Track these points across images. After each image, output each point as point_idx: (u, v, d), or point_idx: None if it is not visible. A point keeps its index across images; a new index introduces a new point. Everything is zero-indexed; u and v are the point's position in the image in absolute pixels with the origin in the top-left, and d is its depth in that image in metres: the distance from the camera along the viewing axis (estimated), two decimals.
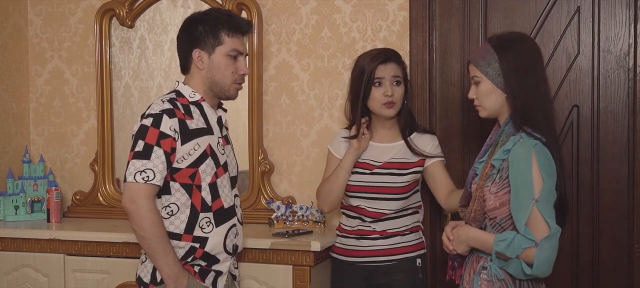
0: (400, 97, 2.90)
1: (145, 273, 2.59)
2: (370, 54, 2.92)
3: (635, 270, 3.12)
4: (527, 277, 2.29)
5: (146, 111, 2.55)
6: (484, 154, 2.51)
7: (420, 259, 2.96)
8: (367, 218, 2.93)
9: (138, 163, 2.47)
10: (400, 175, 2.90)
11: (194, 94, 2.61)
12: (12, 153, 3.81)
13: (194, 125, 2.56)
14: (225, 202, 2.62)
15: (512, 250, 2.26)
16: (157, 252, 2.49)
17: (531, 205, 2.25)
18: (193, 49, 2.60)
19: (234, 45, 2.61)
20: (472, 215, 2.43)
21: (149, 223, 2.47)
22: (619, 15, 3.09)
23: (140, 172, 2.46)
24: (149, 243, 2.49)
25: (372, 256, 2.92)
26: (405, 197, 2.92)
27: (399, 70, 2.90)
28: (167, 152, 2.49)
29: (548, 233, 2.23)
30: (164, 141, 2.48)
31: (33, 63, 3.91)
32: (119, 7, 3.67)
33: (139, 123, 2.53)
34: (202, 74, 2.61)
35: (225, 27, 2.59)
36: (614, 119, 3.12)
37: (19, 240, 3.34)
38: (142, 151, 2.48)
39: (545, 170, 2.28)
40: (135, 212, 2.47)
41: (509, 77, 2.36)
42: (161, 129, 2.48)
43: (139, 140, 2.49)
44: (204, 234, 2.57)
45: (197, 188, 2.56)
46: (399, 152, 2.93)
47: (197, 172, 2.55)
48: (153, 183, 2.47)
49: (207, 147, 2.57)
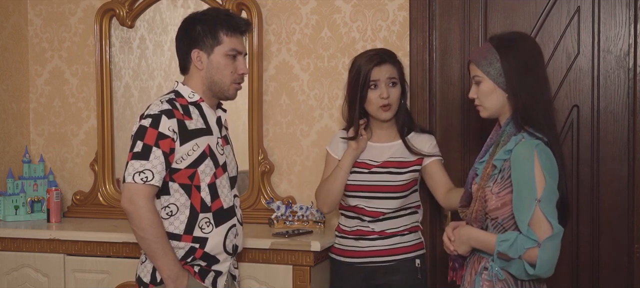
0: (396, 98, 2.90)
1: (145, 274, 2.59)
2: (366, 55, 2.92)
3: (635, 270, 3.12)
4: (530, 277, 2.29)
5: (145, 112, 2.55)
6: (485, 154, 2.50)
7: (419, 260, 2.96)
8: (366, 218, 2.93)
9: (137, 163, 2.47)
10: (399, 173, 2.90)
11: (193, 95, 2.61)
12: (12, 153, 3.81)
13: (193, 125, 2.56)
14: (224, 203, 2.62)
15: (514, 250, 2.26)
16: (156, 252, 2.49)
17: (534, 206, 2.24)
18: (192, 49, 2.60)
19: (233, 45, 2.60)
20: (473, 215, 2.42)
21: (148, 223, 2.47)
22: (619, 15, 3.09)
23: (139, 172, 2.46)
24: (148, 243, 2.49)
25: (371, 257, 2.92)
26: (404, 196, 2.92)
27: (395, 71, 2.90)
28: (165, 153, 2.48)
29: (551, 234, 2.23)
30: (163, 142, 2.48)
31: (33, 63, 3.91)
32: (119, 7, 3.67)
33: (137, 123, 2.53)
34: (201, 74, 2.61)
35: (224, 27, 2.59)
36: (614, 119, 3.12)
37: (19, 240, 3.34)
38: (141, 152, 2.47)
39: (548, 170, 2.28)
40: (134, 213, 2.47)
41: (510, 76, 2.36)
42: (160, 129, 2.48)
43: (137, 140, 2.49)
44: (203, 234, 2.57)
45: (196, 188, 2.56)
46: (397, 151, 2.93)
47: (196, 173, 2.55)
48: (152, 183, 2.47)
49: (206, 148, 2.57)
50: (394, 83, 2.89)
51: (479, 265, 2.40)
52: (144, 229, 2.47)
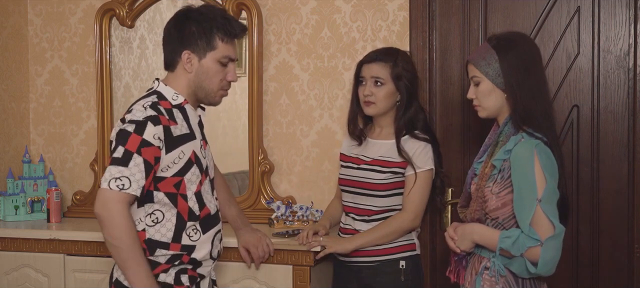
0: (381, 97, 2.86)
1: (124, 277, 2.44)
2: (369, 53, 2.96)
3: (635, 270, 3.12)
4: (531, 275, 2.29)
5: (127, 116, 2.40)
6: (483, 154, 2.51)
7: (404, 261, 2.88)
8: (357, 217, 2.93)
9: (114, 170, 2.32)
10: (381, 172, 2.88)
11: (176, 96, 2.47)
12: (12, 153, 3.82)
13: (178, 131, 2.42)
14: (211, 209, 2.53)
15: (516, 247, 2.26)
16: (127, 262, 2.32)
17: (535, 205, 2.25)
18: (183, 49, 2.46)
19: (227, 52, 2.47)
20: (472, 215, 2.43)
21: (121, 230, 2.31)
22: (619, 15, 3.10)
23: (115, 179, 2.31)
24: (119, 252, 2.32)
25: (358, 256, 2.90)
26: (385, 196, 2.88)
27: (384, 71, 2.86)
28: (147, 161, 2.33)
29: (553, 233, 2.24)
30: (146, 150, 2.33)
31: (33, 63, 3.91)
32: (119, 7, 3.67)
33: (118, 127, 2.39)
34: (188, 76, 2.47)
35: (221, 32, 2.45)
36: (614, 119, 3.12)
37: (19, 240, 3.34)
38: (121, 158, 2.32)
39: (548, 170, 2.28)
40: (107, 218, 2.31)
41: (509, 77, 2.36)
42: (144, 136, 2.33)
43: (119, 145, 2.34)
44: (191, 242, 2.47)
45: (183, 197, 2.44)
46: (388, 150, 2.91)
47: (182, 181, 2.43)
48: (128, 192, 2.32)
49: (191, 155, 2.45)
50: (380, 83, 2.86)
51: (480, 265, 2.40)
52: (115, 236, 2.31)
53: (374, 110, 2.89)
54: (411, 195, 2.84)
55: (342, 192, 3.00)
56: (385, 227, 2.85)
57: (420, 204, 2.85)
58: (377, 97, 2.86)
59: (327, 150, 3.46)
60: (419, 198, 2.85)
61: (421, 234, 3.09)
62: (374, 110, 2.89)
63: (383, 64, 2.87)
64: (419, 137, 2.89)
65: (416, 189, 2.84)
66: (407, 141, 2.88)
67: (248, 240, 2.90)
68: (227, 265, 3.02)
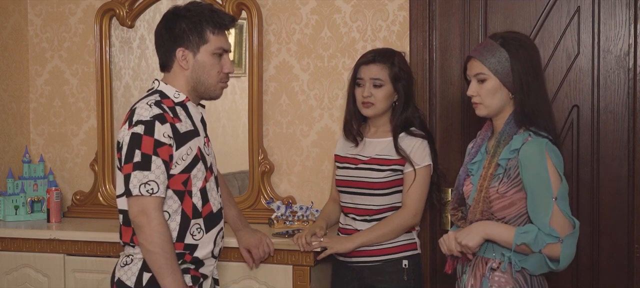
0: (380, 99, 2.86)
1: (128, 277, 2.48)
2: (364, 54, 2.95)
3: (635, 270, 3.12)
4: (550, 270, 2.30)
5: (133, 118, 2.41)
6: (476, 154, 2.49)
7: (407, 260, 2.88)
8: (357, 217, 2.92)
9: (140, 174, 2.35)
10: (380, 170, 2.88)
11: (178, 94, 2.50)
12: (12, 153, 3.81)
13: (183, 128, 2.45)
14: (214, 206, 2.54)
15: (536, 244, 2.26)
16: (164, 269, 2.37)
17: (552, 204, 2.25)
18: (176, 47, 2.48)
19: (220, 44, 2.49)
20: (477, 216, 2.39)
21: (161, 237, 2.36)
22: (619, 15, 3.10)
23: (143, 184, 2.35)
24: (157, 258, 2.37)
25: (359, 256, 2.90)
26: (385, 194, 2.88)
27: (383, 72, 2.86)
28: (165, 161, 2.37)
29: (573, 230, 2.27)
30: (161, 149, 2.37)
31: (33, 63, 3.91)
32: (119, 7, 3.67)
33: (127, 130, 2.40)
34: (186, 74, 2.50)
35: (210, 24, 2.47)
36: (614, 119, 3.12)
37: (19, 240, 3.34)
38: (141, 161, 2.35)
39: (560, 168, 2.29)
40: (147, 226, 2.35)
41: (519, 77, 2.35)
42: (155, 136, 2.36)
43: (135, 149, 2.36)
44: (194, 241, 2.49)
45: (188, 194, 2.46)
46: (385, 149, 2.91)
47: (189, 178, 2.45)
48: (158, 196, 2.36)
49: (197, 151, 2.48)
50: (379, 85, 2.86)
51: (485, 267, 2.38)
52: (155, 243, 2.35)
53: (373, 112, 2.89)
54: (411, 192, 2.84)
55: (340, 193, 2.99)
56: (386, 225, 2.85)
57: (420, 201, 2.86)
58: (376, 98, 2.86)
59: (327, 150, 3.46)
60: (418, 195, 2.85)
61: (421, 234, 3.09)
62: (372, 111, 2.88)
63: (381, 66, 2.87)
64: (415, 133, 2.89)
65: (415, 186, 2.84)
66: (403, 138, 2.89)
67: (249, 241, 2.90)
68: (227, 265, 3.02)
